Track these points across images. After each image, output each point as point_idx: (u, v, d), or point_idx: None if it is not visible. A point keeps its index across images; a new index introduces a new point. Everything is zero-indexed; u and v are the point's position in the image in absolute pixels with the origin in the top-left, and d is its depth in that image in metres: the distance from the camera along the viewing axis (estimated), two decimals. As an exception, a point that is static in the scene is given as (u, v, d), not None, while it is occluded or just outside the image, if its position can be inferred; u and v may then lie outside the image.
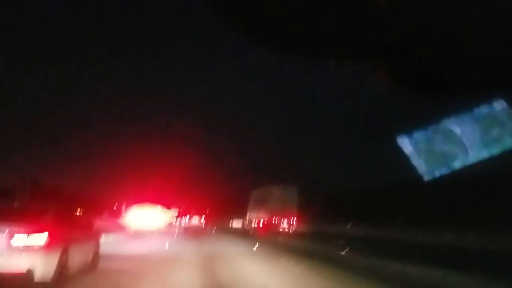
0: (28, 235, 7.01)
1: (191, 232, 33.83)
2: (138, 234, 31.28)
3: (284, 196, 36.21)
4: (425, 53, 4.83)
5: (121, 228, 34.42)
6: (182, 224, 40.05)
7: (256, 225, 37.69)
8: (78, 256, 8.45)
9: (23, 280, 6.75)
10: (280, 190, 36.66)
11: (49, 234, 7.24)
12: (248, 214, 43.72)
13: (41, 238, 7.08)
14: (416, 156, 5.08)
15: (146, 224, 38.62)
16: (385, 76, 4.99)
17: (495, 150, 4.85)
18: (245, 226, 43.57)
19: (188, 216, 42.47)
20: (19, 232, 7.07)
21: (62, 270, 7.51)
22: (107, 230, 20.74)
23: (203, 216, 44.55)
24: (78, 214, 12.25)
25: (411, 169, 5.06)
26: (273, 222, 35.50)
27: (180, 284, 8.98)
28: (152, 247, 18.15)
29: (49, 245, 7.17)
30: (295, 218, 35.45)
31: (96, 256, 9.92)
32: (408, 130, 5.08)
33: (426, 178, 5.04)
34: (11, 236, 6.97)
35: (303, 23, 4.83)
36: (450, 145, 4.98)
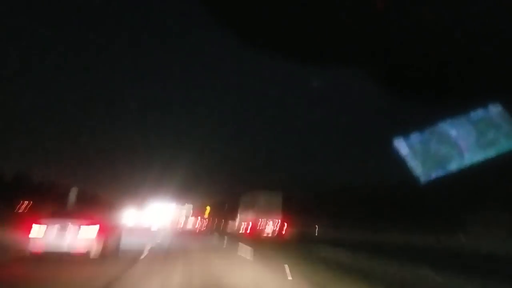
0: (89, 227, 10.52)
1: (187, 233, 32.96)
2: (138, 231, 30.74)
3: (270, 201, 35.87)
4: (422, 58, 4.45)
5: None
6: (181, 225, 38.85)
7: (244, 228, 37.08)
8: (111, 244, 11.81)
9: (85, 256, 10.17)
10: (266, 195, 36.42)
11: (98, 230, 10.65)
12: (238, 217, 43.15)
13: (94, 232, 10.53)
14: (413, 158, 4.62)
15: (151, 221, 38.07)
16: (382, 79, 4.60)
17: (491, 153, 4.41)
18: (236, 228, 42.90)
19: (184, 219, 41.35)
20: (83, 226, 10.47)
21: (104, 250, 10.88)
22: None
23: (199, 219, 43.53)
24: (109, 216, 14.63)
25: (408, 170, 4.60)
26: (259, 225, 34.92)
27: (170, 264, 10.92)
28: (153, 241, 20.72)
29: (98, 237, 10.60)
30: (279, 221, 34.96)
31: (119, 245, 13.29)
32: (404, 133, 4.63)
33: (422, 180, 4.59)
34: (78, 229, 10.41)
35: (302, 28, 4.42)
36: (446, 148, 4.55)
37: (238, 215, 42.48)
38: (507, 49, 4.30)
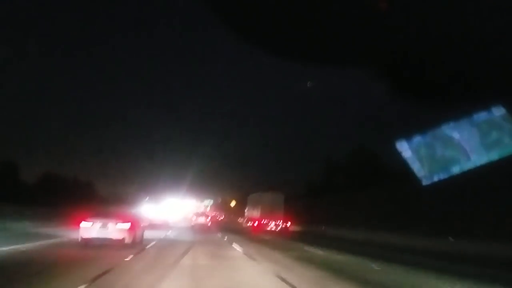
0: (123, 223, 13.66)
1: (197, 229, 32.67)
2: (157, 225, 30.83)
3: (272, 201, 36.34)
4: (425, 60, 4.08)
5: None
6: (192, 222, 38.32)
7: (250, 225, 37.26)
8: (138, 234, 15.11)
9: (121, 241, 13.31)
10: (269, 196, 36.96)
11: (130, 224, 13.86)
12: (245, 215, 43.34)
13: (127, 225, 13.71)
14: (415, 160, 4.21)
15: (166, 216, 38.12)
16: (385, 82, 4.24)
17: (494, 155, 3.99)
18: (243, 225, 42.98)
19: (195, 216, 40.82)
20: (119, 222, 13.63)
21: (134, 239, 14.07)
22: None
23: (209, 217, 43.10)
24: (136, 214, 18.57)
25: (410, 173, 4.18)
26: (263, 222, 35.28)
27: (181, 250, 13.70)
28: (166, 233, 24.52)
29: (130, 228, 13.79)
30: (281, 219, 35.33)
31: (142, 235, 16.45)
32: (406, 135, 4.22)
33: (424, 182, 4.16)
34: (116, 224, 13.52)
35: (304, 28, 4.08)
36: (449, 151, 4.15)
37: (246, 212, 42.72)
38: (509, 51, 3.89)
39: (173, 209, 52.00)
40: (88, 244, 13.04)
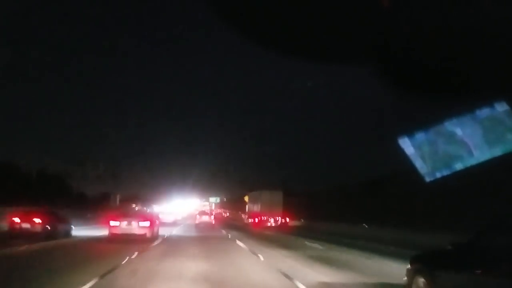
0: (144, 222, 16.11)
1: (202, 227, 32.49)
2: (166, 223, 31.12)
3: (271, 199, 36.32)
4: (427, 56, 3.92)
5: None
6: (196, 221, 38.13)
7: (251, 221, 37.28)
8: (155, 230, 17.48)
9: (144, 236, 15.62)
10: (268, 194, 36.94)
11: (150, 222, 16.31)
12: (246, 210, 43.40)
13: (148, 223, 16.15)
14: (418, 157, 4.03)
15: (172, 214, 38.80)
16: (385, 78, 4.09)
17: (497, 151, 3.82)
18: (244, 221, 43.00)
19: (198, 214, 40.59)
20: (141, 221, 16.04)
21: (152, 234, 16.46)
22: None
23: (213, 215, 43.00)
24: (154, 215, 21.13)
25: (413, 169, 4.01)
26: (262, 219, 35.34)
27: (188, 245, 15.18)
28: (174, 230, 26.15)
29: (150, 226, 16.22)
30: (280, 216, 35.34)
31: (158, 231, 18.65)
32: (409, 132, 4.05)
33: (427, 179, 3.99)
34: (138, 222, 15.87)
35: (306, 25, 3.92)
36: (451, 147, 3.96)
37: (247, 209, 42.78)
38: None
39: (178, 208, 51.92)
40: (116, 238, 15.66)
